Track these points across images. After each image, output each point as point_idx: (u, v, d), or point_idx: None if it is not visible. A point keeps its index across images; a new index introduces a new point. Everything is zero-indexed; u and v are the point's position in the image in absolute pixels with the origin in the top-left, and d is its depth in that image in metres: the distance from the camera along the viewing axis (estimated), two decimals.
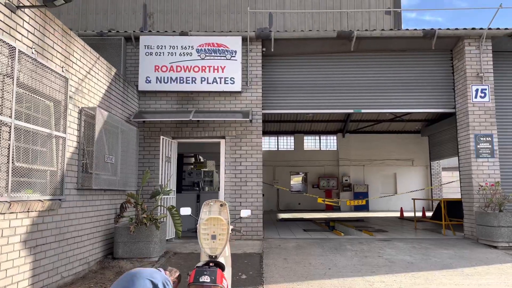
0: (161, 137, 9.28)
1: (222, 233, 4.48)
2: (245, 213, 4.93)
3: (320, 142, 26.29)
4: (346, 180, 25.25)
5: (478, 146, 9.76)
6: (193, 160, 15.23)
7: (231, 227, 4.70)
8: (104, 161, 7.00)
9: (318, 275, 6.40)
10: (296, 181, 27.46)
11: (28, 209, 4.91)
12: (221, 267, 4.28)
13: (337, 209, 24.69)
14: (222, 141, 9.88)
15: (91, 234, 6.86)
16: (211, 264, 4.34)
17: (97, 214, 7.14)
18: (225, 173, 9.74)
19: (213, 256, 4.46)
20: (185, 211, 4.79)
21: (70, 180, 6.13)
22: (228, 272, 4.85)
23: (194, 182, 13.09)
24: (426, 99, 10.66)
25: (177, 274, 3.92)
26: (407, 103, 10.66)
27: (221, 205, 4.64)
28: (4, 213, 4.48)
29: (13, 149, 4.64)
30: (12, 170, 4.63)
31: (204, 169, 13.75)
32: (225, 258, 4.83)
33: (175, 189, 9.81)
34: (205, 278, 3.71)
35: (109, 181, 7.32)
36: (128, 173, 8.44)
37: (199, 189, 12.87)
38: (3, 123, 4.53)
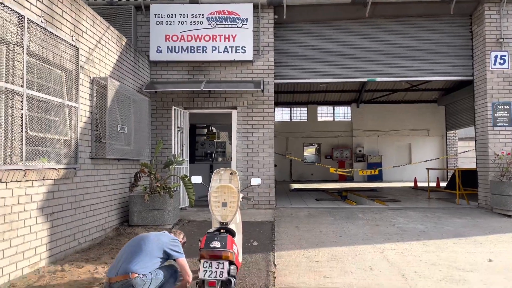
0: (173, 107, 9.29)
1: (233, 200, 4.53)
2: (255, 181, 4.95)
3: (333, 113, 26.04)
4: (360, 150, 25.10)
5: (495, 114, 9.53)
6: (205, 131, 15.28)
7: (241, 195, 4.75)
8: (117, 131, 7.06)
9: (329, 242, 6.47)
10: (309, 152, 27.43)
11: (43, 177, 5.02)
12: (232, 233, 4.34)
13: (350, 179, 24.70)
14: (234, 112, 9.85)
15: (106, 202, 7.02)
16: (222, 230, 4.43)
17: (112, 183, 7.27)
18: (237, 144, 9.76)
19: (224, 223, 4.53)
20: (196, 179, 4.84)
21: (84, 150, 6.22)
22: (238, 239, 4.93)
23: (207, 153, 13.18)
24: (444, 67, 10.37)
25: (182, 235, 4.00)
26: (424, 71, 10.40)
27: (232, 174, 4.67)
28: (19, 181, 4.58)
29: (26, 118, 4.70)
30: (26, 139, 4.71)
31: (217, 140, 13.79)
32: (236, 225, 4.90)
33: (188, 159, 9.89)
34: (216, 244, 3.77)
35: (122, 150, 7.41)
36: (142, 143, 8.52)
37: (212, 160, 12.96)
38: (15, 92, 4.57)
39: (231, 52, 9.66)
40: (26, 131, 4.71)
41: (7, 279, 4.38)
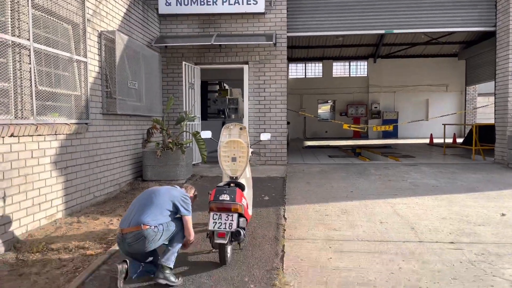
0: (183, 62, 9.16)
1: (242, 155, 4.52)
2: (264, 136, 4.91)
3: (349, 68, 25.46)
4: (376, 107, 24.73)
5: None
6: (217, 87, 15.13)
7: (250, 150, 4.73)
8: (127, 87, 7.02)
9: (340, 197, 6.49)
10: (324, 109, 27.16)
11: (55, 132, 5.07)
12: (241, 187, 4.37)
13: (365, 136, 24.52)
14: (245, 67, 9.67)
15: (120, 157, 7.11)
16: (231, 184, 4.45)
17: (125, 139, 7.33)
18: (248, 100, 9.66)
19: (234, 177, 4.55)
20: (206, 134, 4.81)
21: (95, 105, 6.23)
22: (248, 193, 4.97)
23: (220, 110, 13.12)
24: (465, 17, 9.88)
25: (193, 190, 4.01)
26: (444, 21, 9.94)
27: (241, 129, 4.63)
28: (32, 135, 4.64)
29: (34, 72, 4.67)
30: (36, 94, 4.71)
31: (229, 97, 13.68)
32: (246, 180, 4.92)
33: (199, 116, 9.87)
34: (225, 197, 3.80)
35: (134, 106, 7.40)
36: (153, 99, 8.50)
37: (225, 117, 12.93)
38: (22, 46, 4.53)
39: (242, 3, 9.34)
40: (35, 86, 4.70)
41: (25, 230, 4.54)
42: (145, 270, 3.53)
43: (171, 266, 3.45)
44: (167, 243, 3.54)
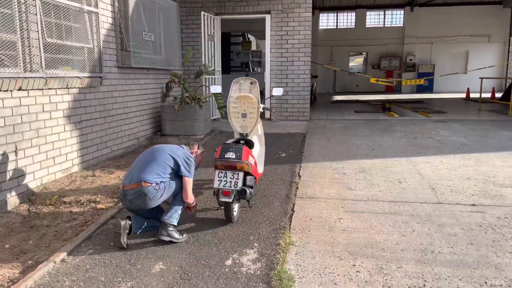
0: (202, 13, 8.81)
1: (253, 111, 4.34)
2: (276, 91, 4.67)
3: (384, 18, 24.12)
4: (411, 59, 23.59)
5: None
6: (241, 39, 14.66)
7: (261, 105, 4.53)
8: (142, 39, 6.84)
9: (360, 155, 6.25)
10: (356, 62, 26.11)
11: (67, 85, 5.02)
12: (250, 144, 4.22)
13: (398, 90, 23.61)
14: (268, 17, 9.21)
15: (138, 112, 7.07)
16: (241, 141, 4.31)
17: (142, 93, 7.26)
18: (270, 52, 9.28)
19: (244, 134, 4.40)
20: (216, 88, 4.61)
21: (109, 58, 6.12)
22: (261, 150, 4.83)
23: (243, 63, 12.78)
24: None
25: (196, 147, 3.88)
26: None
27: (251, 83, 4.41)
28: (42, 89, 4.60)
29: (41, 23, 4.55)
30: (44, 46, 4.62)
31: (253, 49, 13.25)
32: (257, 137, 4.78)
33: (219, 69, 9.61)
34: (230, 155, 3.67)
35: (151, 59, 7.25)
36: (172, 52, 8.30)
37: (248, 70, 12.60)
38: None
39: None
40: (43, 38, 4.60)
41: (39, 183, 4.62)
42: (150, 226, 3.51)
43: (174, 223, 3.41)
44: (170, 201, 3.50)
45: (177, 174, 3.45)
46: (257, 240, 3.48)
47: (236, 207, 3.88)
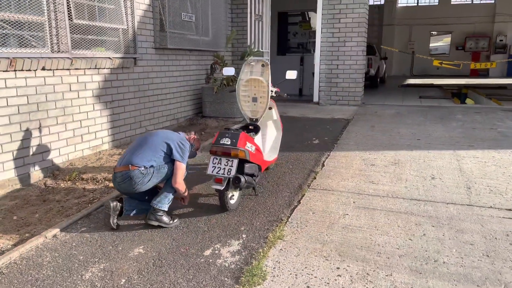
0: None
1: (263, 95, 4.11)
2: (290, 74, 4.37)
3: None
4: (501, 40, 21.21)
5: None
6: (300, 19, 14.09)
7: (273, 89, 4.28)
8: (181, 19, 6.83)
9: (401, 145, 5.71)
10: (445, 42, 23.97)
11: (96, 66, 5.17)
12: (257, 130, 4.02)
13: (484, 75, 21.42)
14: None
15: (177, 93, 7.15)
16: (250, 127, 4.12)
17: (183, 74, 7.30)
18: (321, 32, 8.80)
19: (254, 120, 4.21)
20: (228, 71, 4.38)
21: (145, 39, 6.20)
22: (277, 136, 4.60)
23: (300, 44, 12.33)
24: None
25: (192, 134, 3.73)
26: None
27: (263, 65, 4.15)
28: (68, 69, 4.78)
29: (68, 5, 4.70)
30: (72, 28, 4.77)
31: (311, 29, 12.71)
32: (273, 122, 4.55)
33: (268, 51, 9.33)
34: (225, 141, 3.50)
35: (192, 40, 7.24)
36: (218, 33, 8.21)
37: (304, 51, 12.14)
38: None
39: None
40: (70, 19, 4.75)
41: (66, 159, 4.86)
42: (144, 208, 3.49)
43: (164, 209, 3.36)
44: (161, 185, 3.45)
45: (170, 159, 3.37)
46: (247, 231, 3.31)
47: (236, 195, 3.73)
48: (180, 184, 3.36)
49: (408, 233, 3.22)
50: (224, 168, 3.48)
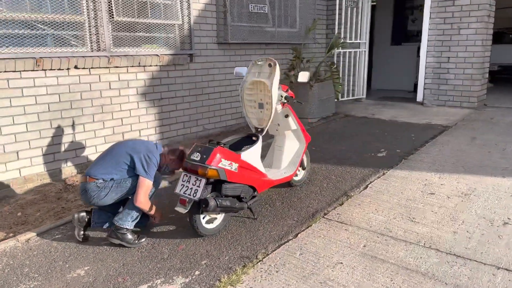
0: None
1: (269, 101, 3.41)
2: (302, 76, 3.56)
3: None
4: None
5: None
6: (419, 3, 11.98)
7: (283, 94, 3.53)
8: (249, 11, 6.34)
9: (492, 169, 4.26)
10: None
11: (139, 63, 5.09)
12: (253, 142, 3.35)
13: None
14: None
15: None
16: (253, 137, 3.48)
17: None
18: (430, 17, 7.25)
19: (259, 129, 3.54)
20: (240, 70, 3.73)
21: (205, 34, 5.93)
22: (298, 149, 3.84)
23: (419, 32, 10.50)
24: None
25: (166, 149, 3.20)
26: None
27: (270, 65, 3.43)
28: (107, 67, 4.78)
29: (108, 3, 4.68)
30: (114, 25, 4.76)
31: None
32: (293, 133, 3.83)
33: (365, 41, 8.12)
34: (195, 156, 2.97)
35: (265, 33, 6.69)
36: (301, 24, 7.45)
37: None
38: None
39: None
40: (111, 17, 4.74)
41: None
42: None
43: (126, 226, 3.02)
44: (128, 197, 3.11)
45: (134, 172, 3.01)
46: (206, 267, 2.75)
47: (219, 218, 3.18)
48: (141, 203, 2.96)
49: None
50: (192, 188, 2.95)
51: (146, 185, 2.97)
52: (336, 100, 7.04)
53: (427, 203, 3.54)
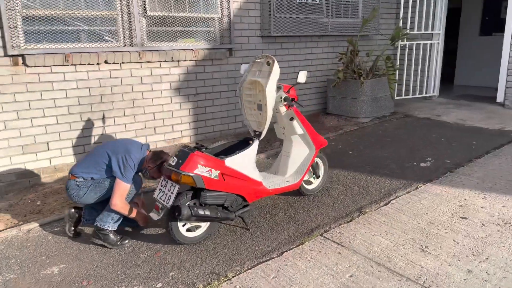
0: None
1: (266, 103, 3.09)
2: (301, 77, 3.16)
3: None
4: None
5: None
6: None
7: (283, 95, 3.18)
8: (297, 2, 5.92)
9: None
10: None
11: (172, 58, 5.05)
12: (246, 146, 3.06)
13: None
14: None
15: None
16: (249, 141, 3.20)
17: (304, 64, 6.44)
18: None
19: (257, 133, 3.25)
20: (243, 67, 3.41)
21: (248, 27, 5.69)
22: (305, 157, 3.46)
23: None
24: None
25: (150, 153, 3.04)
26: None
27: (268, 63, 3.10)
28: (139, 62, 4.82)
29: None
30: (146, 19, 4.78)
31: None
32: (301, 138, 3.47)
33: (440, 32, 7.11)
34: (171, 161, 2.79)
35: (316, 25, 6.23)
36: (366, 14, 6.80)
37: None
38: None
39: None
40: (144, 11, 4.75)
41: None
42: None
43: (108, 228, 2.97)
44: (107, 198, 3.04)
45: (111, 173, 2.94)
46: (169, 281, 2.59)
47: (203, 226, 2.98)
48: (116, 205, 2.87)
49: None
50: (166, 194, 2.79)
51: (122, 188, 2.87)
52: (392, 98, 6.32)
53: (453, 229, 2.94)
